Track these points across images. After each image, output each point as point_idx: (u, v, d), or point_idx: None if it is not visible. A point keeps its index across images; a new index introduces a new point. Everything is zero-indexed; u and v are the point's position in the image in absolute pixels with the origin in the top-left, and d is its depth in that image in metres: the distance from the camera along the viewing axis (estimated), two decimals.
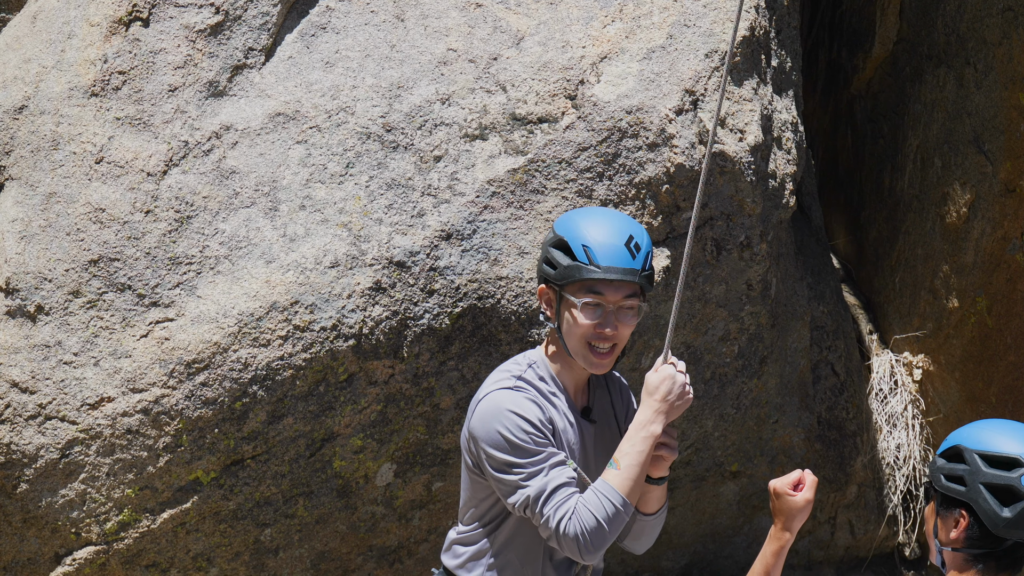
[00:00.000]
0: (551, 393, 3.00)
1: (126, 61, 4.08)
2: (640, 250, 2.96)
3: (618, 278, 2.91)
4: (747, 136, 4.16)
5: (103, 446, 3.89)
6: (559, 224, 3.02)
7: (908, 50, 5.27)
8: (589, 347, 2.95)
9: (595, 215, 3.04)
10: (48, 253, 3.94)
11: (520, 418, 2.89)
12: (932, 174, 5.06)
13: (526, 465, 2.88)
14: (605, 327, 2.93)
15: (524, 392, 2.94)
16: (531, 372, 3.02)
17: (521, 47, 4.13)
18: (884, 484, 5.20)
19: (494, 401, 2.93)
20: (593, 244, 2.93)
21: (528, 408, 2.90)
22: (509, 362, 3.08)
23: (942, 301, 5.06)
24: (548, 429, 2.93)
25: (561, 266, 2.95)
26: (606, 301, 2.93)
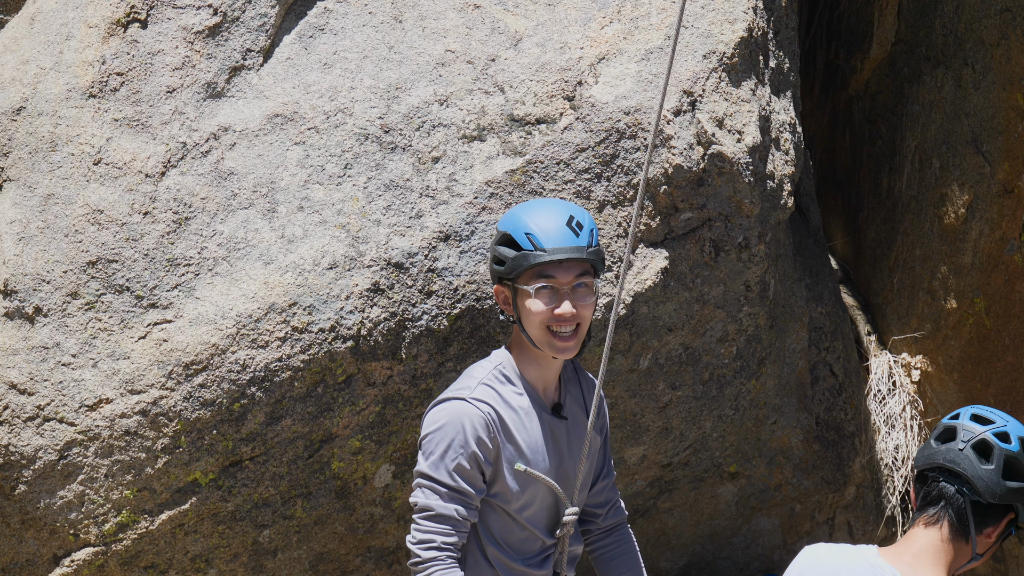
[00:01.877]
0: (516, 393, 3.05)
1: (124, 62, 4.08)
2: (583, 228, 3.03)
3: (565, 257, 2.99)
4: (745, 137, 4.16)
5: (101, 447, 3.90)
6: (501, 222, 3.11)
7: (906, 51, 5.27)
8: (551, 333, 3.02)
9: (533, 205, 3.13)
10: (46, 255, 3.95)
11: (456, 439, 2.97)
12: (930, 175, 5.06)
13: (436, 479, 2.99)
14: (562, 308, 2.99)
15: (474, 406, 2.99)
16: (496, 375, 3.07)
17: (519, 48, 4.14)
18: (883, 485, 5.21)
19: (442, 413, 3.02)
20: (535, 230, 3.01)
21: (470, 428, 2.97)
22: (476, 365, 3.14)
23: (940, 302, 5.06)
24: (488, 451, 2.99)
25: (509, 259, 3.02)
26: (558, 283, 3.00)
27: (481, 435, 2.98)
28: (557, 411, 3.14)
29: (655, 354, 4.25)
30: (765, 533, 4.95)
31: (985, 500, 2.82)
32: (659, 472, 4.59)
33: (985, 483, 2.81)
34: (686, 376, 4.35)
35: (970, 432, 2.87)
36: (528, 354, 3.11)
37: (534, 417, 3.07)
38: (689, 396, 4.39)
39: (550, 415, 3.12)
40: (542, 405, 3.11)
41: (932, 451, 2.91)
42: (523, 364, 3.12)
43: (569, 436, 3.18)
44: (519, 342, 3.14)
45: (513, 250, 3.04)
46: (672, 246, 4.14)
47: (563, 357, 3.09)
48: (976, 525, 2.83)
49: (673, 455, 4.54)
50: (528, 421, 3.06)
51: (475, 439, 2.97)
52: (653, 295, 4.13)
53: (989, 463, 2.83)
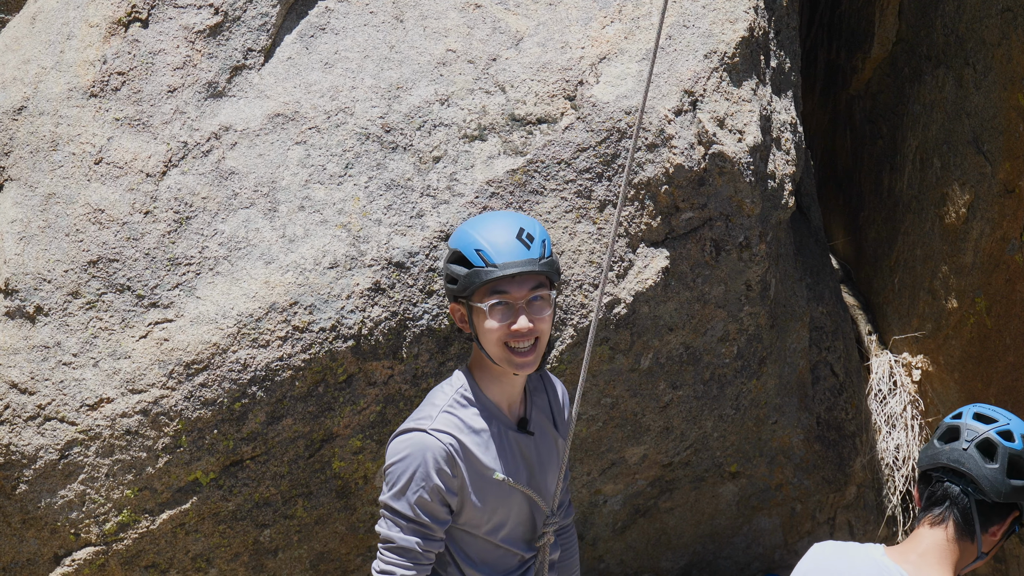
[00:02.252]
0: (479, 416, 2.99)
1: (125, 62, 4.08)
2: (534, 239, 2.97)
3: (517, 271, 2.93)
4: (746, 137, 4.16)
5: (102, 447, 3.90)
6: (452, 239, 3.04)
7: (907, 51, 5.27)
8: (509, 349, 2.96)
9: (483, 220, 3.06)
10: (47, 254, 3.95)
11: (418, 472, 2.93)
12: (931, 174, 5.07)
13: (398, 511, 2.97)
14: (518, 324, 2.93)
15: (435, 438, 2.94)
16: (457, 399, 3.01)
17: (520, 48, 4.14)
18: (883, 485, 5.21)
19: (403, 445, 2.98)
20: (485, 245, 2.95)
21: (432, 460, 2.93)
22: (437, 390, 3.09)
23: (941, 302, 5.06)
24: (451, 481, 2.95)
25: (461, 277, 2.97)
26: (512, 299, 2.95)
27: (443, 467, 2.93)
28: (523, 426, 3.09)
29: (656, 353, 4.25)
30: (766, 533, 4.95)
31: (990, 499, 2.82)
32: (660, 472, 4.59)
33: (990, 482, 2.82)
34: (687, 376, 4.35)
35: (973, 431, 2.88)
36: (489, 372, 3.05)
37: (500, 438, 3.02)
38: (690, 396, 4.39)
39: (516, 432, 3.07)
40: (507, 423, 3.06)
41: (936, 451, 2.91)
42: (485, 382, 3.05)
43: (538, 449, 3.13)
44: (479, 360, 3.07)
45: (464, 267, 2.98)
46: (673, 246, 4.14)
47: (523, 373, 3.03)
48: (981, 524, 2.84)
49: (674, 455, 4.54)
50: (493, 443, 3.01)
51: (437, 471, 2.93)
52: (654, 295, 4.13)
53: (993, 462, 2.83)
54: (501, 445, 3.02)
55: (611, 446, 4.41)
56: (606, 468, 4.48)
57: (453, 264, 3.01)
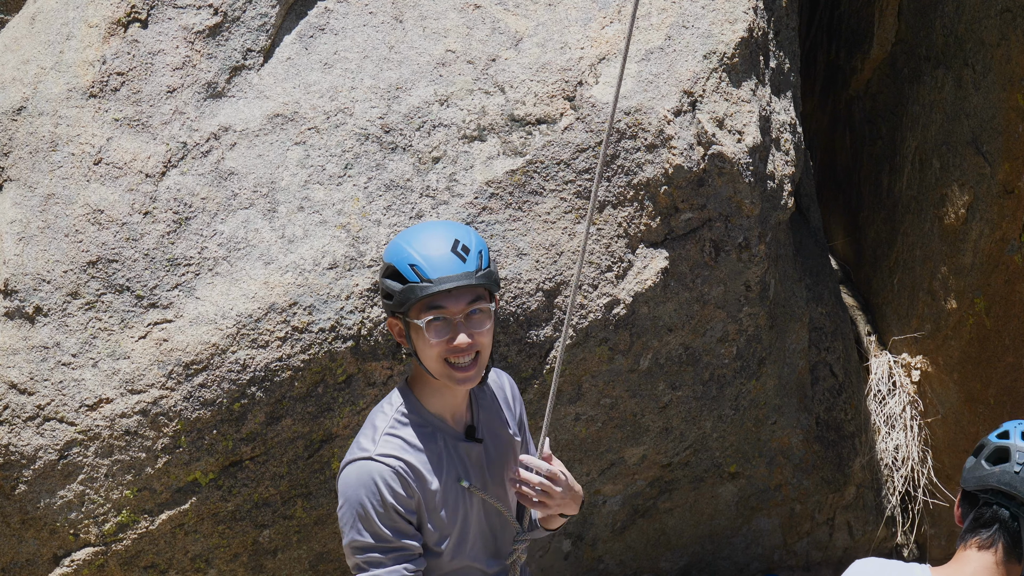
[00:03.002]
0: (422, 433, 2.91)
1: (124, 62, 4.08)
2: (469, 251, 2.87)
3: (453, 285, 2.83)
4: (745, 137, 4.17)
5: (102, 447, 3.90)
6: (386, 253, 2.94)
7: (906, 51, 5.27)
8: (449, 365, 2.87)
9: (417, 231, 2.94)
10: (47, 254, 3.95)
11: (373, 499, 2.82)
12: (930, 175, 5.07)
13: (370, 544, 2.85)
14: (456, 340, 2.85)
15: (383, 464, 2.84)
16: (397, 419, 2.92)
17: (519, 48, 4.14)
18: (883, 485, 5.21)
19: (351, 477, 2.86)
20: (418, 260, 2.84)
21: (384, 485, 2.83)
22: (377, 411, 2.98)
23: (940, 302, 5.06)
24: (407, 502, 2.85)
25: (396, 293, 2.86)
26: (450, 314, 2.86)
27: (397, 489, 2.84)
28: (471, 435, 3.00)
29: (655, 354, 4.25)
30: (765, 533, 4.96)
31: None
32: (659, 472, 4.59)
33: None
34: (686, 376, 4.35)
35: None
36: (430, 385, 2.96)
37: (448, 451, 2.94)
38: (689, 396, 4.39)
39: (464, 441, 2.99)
40: (453, 434, 2.98)
41: (984, 473, 2.83)
42: (426, 396, 2.97)
43: (489, 454, 3.05)
44: (420, 374, 2.98)
45: (399, 283, 2.87)
46: (672, 246, 4.15)
47: (464, 388, 2.94)
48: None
49: (673, 455, 4.54)
50: (439, 457, 2.93)
51: (391, 494, 2.83)
52: (653, 295, 4.14)
53: None
54: (450, 458, 2.94)
55: (610, 446, 4.40)
56: (605, 468, 4.47)
57: (388, 279, 2.90)
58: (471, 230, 2.94)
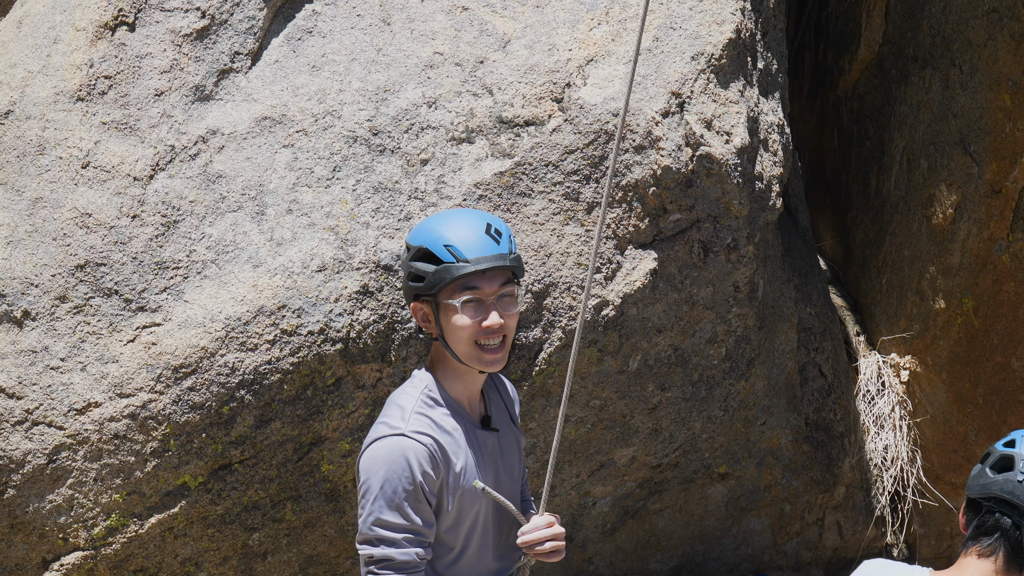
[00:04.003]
0: (447, 415, 2.93)
1: (112, 66, 4.09)
2: (501, 235, 2.92)
3: (490, 266, 2.87)
4: (733, 138, 4.17)
5: (90, 451, 3.90)
6: (413, 237, 2.95)
7: (894, 52, 5.28)
8: (479, 347, 2.91)
9: (446, 216, 2.98)
10: (34, 258, 3.95)
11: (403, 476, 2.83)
12: (918, 175, 5.07)
13: (391, 523, 2.85)
14: (489, 320, 2.89)
15: (415, 440, 2.85)
16: (424, 400, 2.94)
17: (507, 50, 4.15)
18: (872, 485, 5.21)
19: (381, 453, 2.85)
20: (455, 240, 2.88)
21: (416, 463, 2.83)
22: (401, 393, 2.99)
23: (929, 302, 5.07)
24: (433, 483, 2.86)
25: (429, 274, 2.88)
26: (484, 295, 2.89)
27: (427, 468, 2.84)
28: (486, 424, 3.03)
29: (644, 355, 4.26)
30: (755, 534, 4.96)
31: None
32: (649, 473, 4.59)
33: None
34: (676, 377, 4.36)
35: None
36: (452, 371, 2.99)
37: (469, 437, 2.97)
38: (679, 397, 4.40)
39: (481, 430, 3.01)
40: (471, 421, 3.00)
41: (988, 480, 2.80)
42: (447, 382, 2.99)
43: (501, 446, 3.09)
44: (442, 359, 2.99)
45: (432, 264, 2.89)
46: (661, 247, 4.15)
47: (491, 370, 2.96)
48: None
49: (663, 456, 4.54)
50: (463, 441, 2.95)
51: (421, 473, 2.83)
52: (642, 296, 4.14)
53: None
54: (472, 445, 2.97)
55: (600, 448, 4.41)
56: (595, 470, 4.47)
57: (418, 262, 2.91)
58: (498, 217, 2.98)
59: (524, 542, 3.03)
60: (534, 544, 3.02)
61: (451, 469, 2.91)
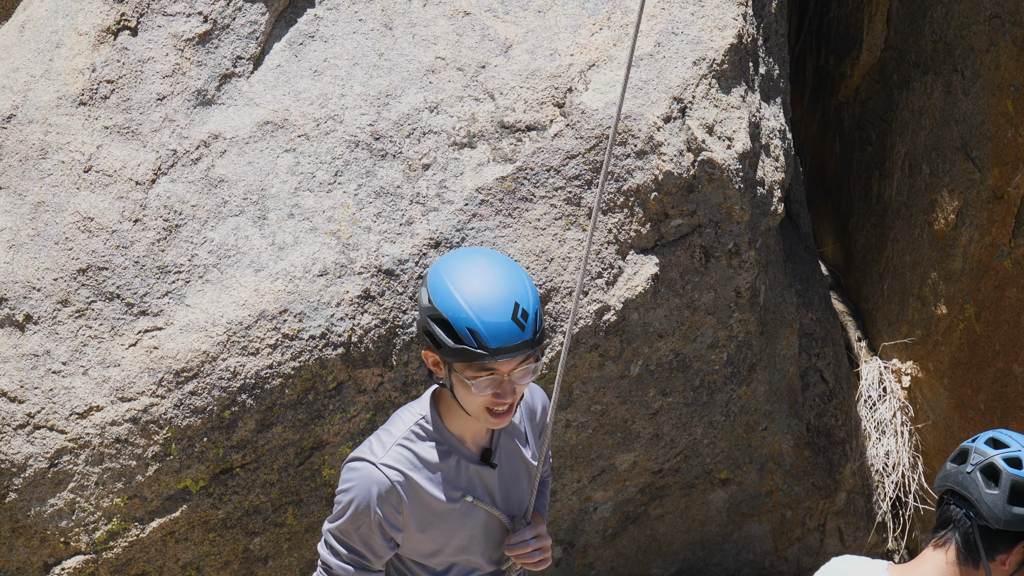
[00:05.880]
0: (435, 449, 2.91)
1: (114, 70, 4.09)
2: (528, 318, 2.77)
3: (510, 356, 2.76)
4: (735, 143, 4.16)
5: (92, 455, 3.91)
6: (436, 294, 2.79)
7: (895, 57, 5.24)
8: (488, 411, 2.86)
9: (472, 282, 2.78)
10: (37, 262, 3.96)
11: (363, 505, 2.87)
12: (920, 181, 5.05)
13: (338, 538, 2.93)
14: (504, 396, 2.82)
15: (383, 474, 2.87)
16: (416, 431, 2.92)
17: (509, 55, 4.15)
18: (873, 491, 5.19)
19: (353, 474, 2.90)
20: (479, 326, 2.73)
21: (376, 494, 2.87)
22: (400, 416, 2.98)
23: (930, 308, 5.04)
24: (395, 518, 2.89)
25: (447, 346, 2.76)
26: (500, 374, 2.80)
27: (387, 502, 2.87)
28: (486, 458, 2.98)
29: (646, 360, 4.25)
30: (756, 539, 4.94)
31: (991, 525, 2.77)
32: (650, 479, 4.58)
33: (989, 507, 2.76)
34: (677, 382, 4.34)
35: (981, 455, 2.82)
36: (454, 410, 2.93)
37: (457, 470, 2.96)
38: (680, 402, 4.38)
39: (479, 465, 2.97)
40: (469, 456, 2.96)
41: (945, 472, 2.87)
42: (450, 416, 2.94)
43: (503, 478, 3.04)
44: (447, 398, 2.93)
45: (451, 339, 2.75)
46: (662, 252, 4.14)
47: (498, 427, 2.92)
48: (986, 551, 2.79)
49: (664, 462, 4.53)
50: (449, 476, 2.95)
51: (380, 507, 2.87)
52: (644, 301, 4.14)
53: (995, 487, 2.77)
54: (457, 477, 2.95)
55: (601, 453, 4.40)
56: (596, 475, 4.46)
57: (437, 327, 2.77)
58: (526, 282, 2.81)
59: (510, 551, 3.06)
60: (521, 553, 3.05)
61: (424, 505, 2.91)
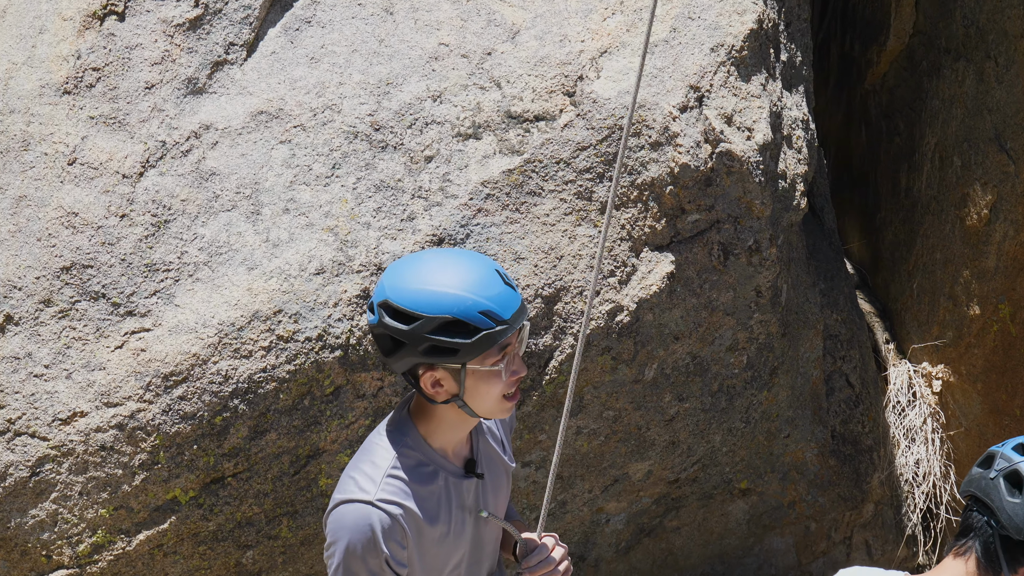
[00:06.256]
0: (423, 472, 2.84)
1: (100, 57, 4.12)
2: (509, 279, 2.80)
3: (522, 321, 2.78)
4: (755, 134, 4.18)
5: (76, 463, 3.92)
6: (422, 304, 2.72)
7: (925, 43, 5.30)
8: (504, 399, 2.83)
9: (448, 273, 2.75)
10: (18, 260, 3.98)
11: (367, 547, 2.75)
12: (951, 174, 5.09)
13: None
14: (519, 371, 2.81)
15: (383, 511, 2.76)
16: (402, 459, 2.83)
17: (516, 41, 4.17)
18: (902, 502, 5.23)
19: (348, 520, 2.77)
20: (490, 304, 2.72)
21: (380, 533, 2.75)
22: (376, 445, 2.87)
23: (963, 308, 5.08)
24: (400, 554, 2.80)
25: (465, 345, 2.71)
26: (513, 346, 2.81)
27: (394, 539, 2.77)
28: (470, 469, 2.93)
29: (661, 364, 4.26)
30: (778, 553, 4.97)
31: (1012, 535, 2.73)
32: (666, 489, 4.60)
33: (1009, 516, 2.72)
34: (694, 387, 4.36)
35: (1006, 460, 2.78)
36: (446, 422, 2.87)
37: (446, 491, 2.89)
38: (697, 408, 4.40)
39: (464, 479, 2.91)
40: (453, 471, 2.90)
41: (970, 477, 2.84)
42: (433, 432, 2.87)
43: (485, 490, 3.00)
44: (426, 407, 2.87)
45: (466, 335, 2.71)
46: (678, 250, 4.16)
47: (510, 413, 2.90)
48: (1007, 562, 2.74)
49: (680, 471, 4.55)
50: (440, 500, 2.88)
51: (387, 545, 2.75)
52: (659, 301, 4.15)
53: (1019, 495, 2.73)
54: (448, 499, 2.88)
55: (614, 462, 4.42)
56: (609, 485, 4.48)
57: (444, 335, 2.71)
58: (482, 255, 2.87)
59: (533, 572, 2.98)
60: (545, 572, 2.98)
61: (422, 534, 2.84)
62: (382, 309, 2.76)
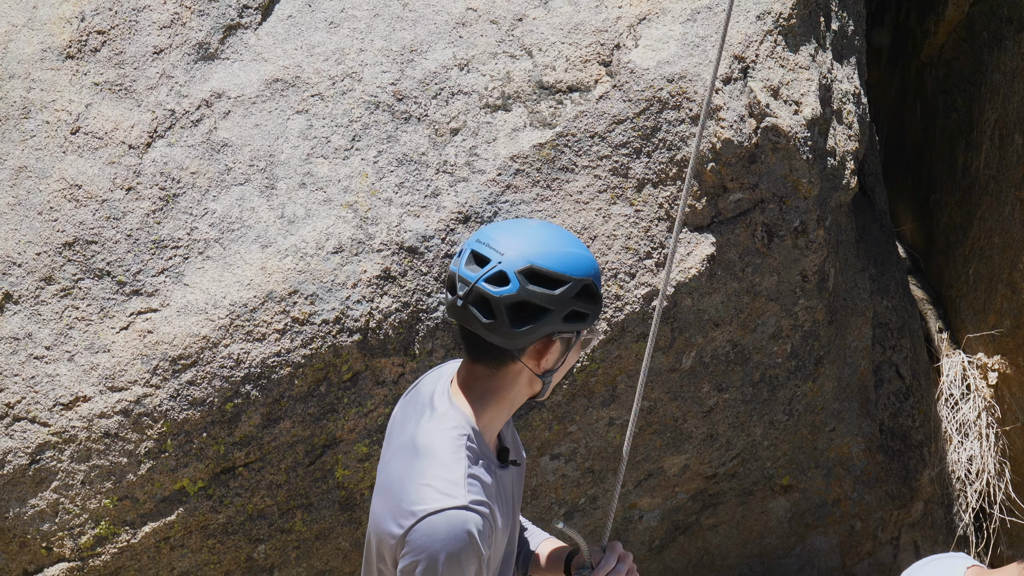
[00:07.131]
0: (484, 467, 2.81)
1: (106, 19, 4.14)
2: None
3: None
4: (803, 108, 4.17)
5: (78, 451, 3.93)
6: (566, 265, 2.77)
7: (986, 12, 5.29)
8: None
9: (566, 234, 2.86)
10: (18, 235, 3.99)
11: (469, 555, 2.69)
12: (1012, 152, 5.06)
13: None
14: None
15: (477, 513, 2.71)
16: (470, 453, 2.79)
17: (549, 7, 4.15)
18: (954, 501, 5.26)
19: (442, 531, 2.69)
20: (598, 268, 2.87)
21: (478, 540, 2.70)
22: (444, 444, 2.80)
23: (1021, 295, 5.06)
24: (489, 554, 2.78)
25: (593, 311, 2.82)
26: None
27: (485, 540, 2.73)
28: (503, 457, 2.92)
29: (699, 352, 4.27)
30: (821, 554, 4.99)
31: None
32: (703, 484, 4.63)
33: None
34: (734, 377, 4.37)
35: None
36: (505, 406, 2.86)
37: (499, 483, 2.89)
38: (737, 399, 4.42)
39: (502, 468, 2.91)
40: (495, 462, 2.91)
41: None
42: (488, 420, 2.85)
43: (515, 480, 3.04)
44: (500, 394, 2.85)
45: (595, 302, 2.82)
46: (719, 231, 4.16)
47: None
48: None
49: (719, 465, 4.57)
50: (497, 494, 2.87)
51: (485, 548, 2.73)
52: (698, 285, 4.15)
53: None
54: (499, 492, 2.89)
55: (648, 455, 4.43)
56: (642, 479, 4.50)
57: (583, 299, 2.79)
58: None
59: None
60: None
61: (496, 534, 2.83)
62: (522, 276, 2.75)
